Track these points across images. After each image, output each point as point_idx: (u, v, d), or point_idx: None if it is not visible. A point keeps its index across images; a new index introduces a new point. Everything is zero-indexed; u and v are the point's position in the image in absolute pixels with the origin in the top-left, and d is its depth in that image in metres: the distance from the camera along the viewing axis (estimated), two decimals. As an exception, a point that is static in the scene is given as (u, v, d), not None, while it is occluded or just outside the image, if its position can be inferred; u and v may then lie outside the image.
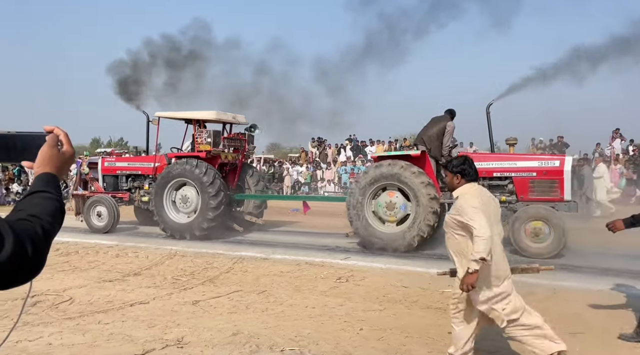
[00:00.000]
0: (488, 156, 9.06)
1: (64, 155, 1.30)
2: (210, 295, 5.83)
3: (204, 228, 9.86)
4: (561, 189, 8.15)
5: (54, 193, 1.20)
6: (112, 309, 5.26)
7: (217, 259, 7.87)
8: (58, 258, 7.95)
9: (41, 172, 1.24)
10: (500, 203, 8.11)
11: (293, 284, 6.33)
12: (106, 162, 11.88)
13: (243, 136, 11.44)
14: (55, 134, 1.30)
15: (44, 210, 1.12)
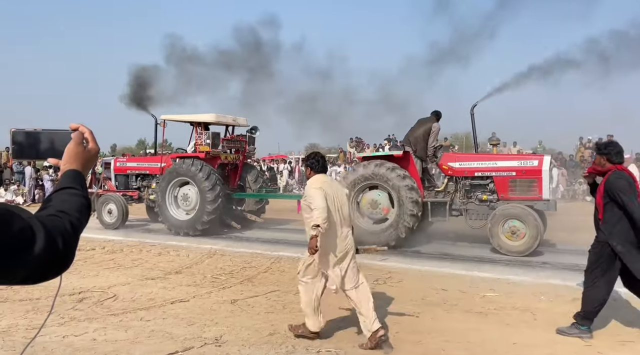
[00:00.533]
0: (470, 156, 9.32)
1: (89, 153, 1.33)
2: (248, 295, 5.89)
3: (202, 223, 10.33)
4: (539, 188, 8.30)
5: (80, 189, 1.23)
6: (154, 307, 5.40)
7: (256, 258, 7.95)
8: (104, 256, 8.25)
9: (67, 169, 1.27)
10: (482, 202, 8.70)
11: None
12: (118, 162, 12.58)
13: (244, 138, 11.98)
14: (81, 132, 1.33)
15: (71, 207, 1.15)
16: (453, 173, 8.93)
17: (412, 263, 7.58)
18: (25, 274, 0.99)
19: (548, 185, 8.30)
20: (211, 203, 10.30)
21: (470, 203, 8.80)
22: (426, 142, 9.11)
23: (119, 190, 12.13)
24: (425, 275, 6.85)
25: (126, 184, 12.35)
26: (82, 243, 9.26)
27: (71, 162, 1.28)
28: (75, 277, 6.68)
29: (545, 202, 8.20)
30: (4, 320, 4.82)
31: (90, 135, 1.34)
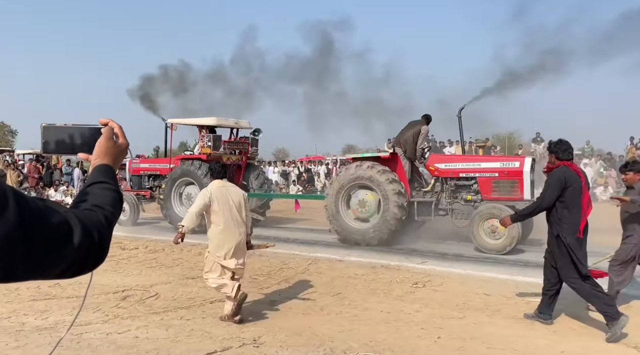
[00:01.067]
0: (456, 158, 9.68)
1: (119, 148, 1.31)
2: (286, 296, 5.89)
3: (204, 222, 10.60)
4: (521, 189, 8.49)
5: (112, 183, 1.22)
6: (194, 306, 5.47)
7: (293, 259, 7.95)
8: (147, 255, 8.46)
9: (99, 164, 1.27)
10: (466, 202, 8.93)
11: (368, 287, 6.23)
12: (133, 164, 13.26)
13: (246, 140, 12.59)
14: (111, 127, 1.32)
15: (105, 201, 1.14)
16: (439, 174, 9.18)
17: (453, 266, 7.39)
18: (63, 268, 0.98)
19: (529, 186, 8.49)
20: None
21: (456, 203, 9.07)
22: (415, 143, 9.41)
23: (133, 190, 12.86)
24: (467, 279, 6.65)
25: (140, 184, 13.07)
26: (127, 242, 9.55)
27: (102, 157, 1.27)
28: (120, 276, 6.87)
29: (526, 202, 8.15)
30: (51, 316, 5.00)
31: (120, 131, 1.33)
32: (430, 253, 8.48)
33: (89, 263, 1.03)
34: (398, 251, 8.67)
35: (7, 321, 4.81)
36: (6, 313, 5.05)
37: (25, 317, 4.96)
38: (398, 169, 9.28)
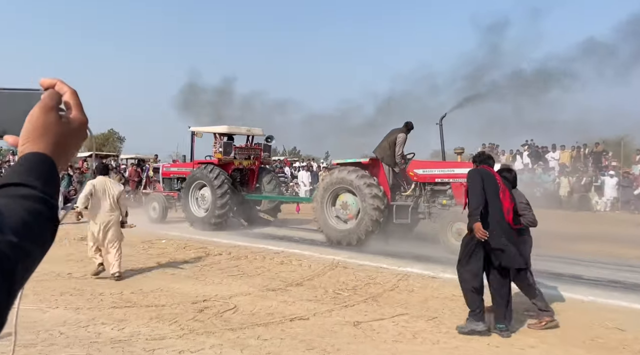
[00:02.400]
0: (432, 164, 9.91)
1: (67, 126, 0.76)
2: (373, 317, 5.24)
3: (215, 218, 11.84)
4: None
5: (37, 188, 0.68)
6: (272, 323, 5.01)
7: (381, 273, 7.28)
8: (230, 262, 8.24)
9: (27, 152, 0.73)
10: (443, 206, 9.30)
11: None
12: (164, 168, 14.58)
13: (259, 146, 13.57)
14: (56, 92, 0.77)
15: (7, 221, 0.62)
16: (418, 179, 9.63)
17: (571, 290, 6.27)
18: None
19: None
20: (220, 207, 11.83)
21: (433, 207, 9.47)
22: (392, 150, 9.86)
23: (164, 191, 14.01)
24: (590, 307, 5.57)
25: (170, 186, 14.11)
26: (211, 247, 9.46)
27: (35, 140, 0.73)
28: (201, 284, 6.64)
29: None
30: (127, 327, 4.78)
31: (74, 98, 0.78)
32: (541, 273, 7.34)
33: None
34: (501, 268, 7.63)
35: (84, 330, 4.66)
36: (85, 321, 4.93)
37: (102, 326, 4.80)
38: (379, 174, 9.94)
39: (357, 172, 9.77)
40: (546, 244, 10.51)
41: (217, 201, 11.83)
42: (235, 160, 12.83)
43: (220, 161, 12.45)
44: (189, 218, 12.48)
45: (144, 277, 6.98)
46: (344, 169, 10.02)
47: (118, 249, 6.94)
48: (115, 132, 51.84)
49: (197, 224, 12.14)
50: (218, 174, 12.02)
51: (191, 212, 12.47)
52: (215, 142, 12.78)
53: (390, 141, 9.94)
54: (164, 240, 10.37)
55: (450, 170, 9.36)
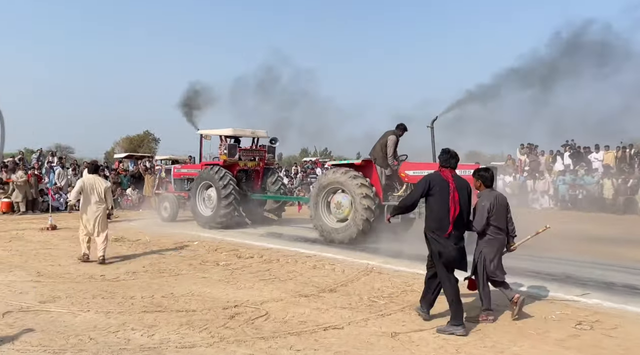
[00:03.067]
0: (422, 165, 10.02)
1: None
2: (412, 327, 4.95)
3: (220, 217, 12.44)
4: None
5: None
6: (305, 332, 4.79)
7: (418, 280, 6.93)
8: (261, 265, 8.07)
9: None
10: None
11: (515, 324, 5.03)
12: (176, 169, 15.11)
13: (263, 148, 14.10)
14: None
15: None
16: (409, 180, 9.89)
17: (627, 302, 5.80)
18: None
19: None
20: (225, 201, 12.37)
21: (423, 207, 8.89)
22: (384, 152, 10.24)
23: (175, 192, 14.60)
24: (651, 322, 5.10)
25: (181, 186, 14.66)
26: (243, 250, 9.34)
27: None
28: (232, 288, 6.49)
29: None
30: (157, 333, 4.65)
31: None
32: (591, 281, 6.88)
33: None
34: (547, 277, 7.18)
35: (114, 336, 4.55)
36: (115, 326, 4.83)
37: (132, 332, 4.68)
38: (372, 175, 10.25)
39: (349, 173, 10.27)
40: (591, 248, 9.95)
41: (222, 201, 12.40)
42: (240, 162, 13.42)
43: (226, 162, 13.02)
44: (197, 217, 13.10)
45: (175, 280, 6.88)
46: (338, 170, 10.54)
47: (105, 236, 8.20)
48: (151, 133, 52.86)
49: (205, 223, 12.71)
50: (223, 175, 12.56)
51: (198, 212, 13.06)
52: (221, 144, 13.27)
53: (382, 143, 10.35)
54: (195, 242, 10.32)
55: None
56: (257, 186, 14.02)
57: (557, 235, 12.24)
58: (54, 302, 5.67)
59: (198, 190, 13.18)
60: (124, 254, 8.94)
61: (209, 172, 12.82)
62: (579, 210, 19.47)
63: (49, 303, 5.64)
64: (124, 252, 9.14)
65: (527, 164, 23.64)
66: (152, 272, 7.38)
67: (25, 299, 5.80)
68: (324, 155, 43.26)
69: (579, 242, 11.08)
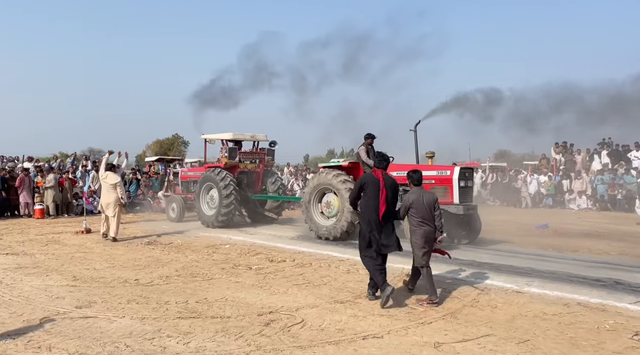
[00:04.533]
0: (404, 167, 10.22)
1: None
2: (454, 337, 4.72)
3: (221, 216, 13.06)
4: (451, 194, 9.85)
5: None
6: (344, 341, 4.62)
7: (456, 285, 6.71)
8: (294, 269, 7.95)
9: None
10: None
11: (565, 334, 4.74)
12: (183, 172, 16.15)
13: (263, 150, 14.75)
14: None
15: None
16: None
17: (685, 311, 5.42)
18: None
19: (457, 192, 9.78)
20: (226, 201, 13.01)
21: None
22: (360, 161, 11.06)
23: (182, 193, 15.43)
24: None
25: (187, 188, 15.48)
26: (275, 253, 9.25)
27: None
28: (266, 293, 6.38)
29: (455, 206, 9.73)
30: (193, 340, 4.56)
31: None
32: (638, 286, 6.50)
33: None
34: (595, 283, 6.81)
35: (149, 343, 4.48)
36: (151, 332, 4.77)
37: (168, 339, 4.60)
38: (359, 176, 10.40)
39: (337, 174, 11.06)
40: (637, 251, 9.46)
41: (223, 201, 13.06)
42: (241, 164, 14.12)
43: (227, 165, 13.69)
44: (200, 216, 13.80)
45: (209, 285, 6.81)
46: (329, 172, 11.30)
47: (116, 219, 10.73)
48: (180, 137, 53.63)
49: (208, 223, 13.42)
50: (224, 176, 13.22)
51: (202, 212, 13.75)
52: (222, 147, 13.92)
53: (355, 154, 11.48)
54: (227, 245, 10.28)
55: None
56: (257, 187, 14.72)
57: (600, 237, 11.76)
58: (90, 307, 5.66)
59: (202, 191, 13.84)
60: (157, 257, 8.96)
61: (211, 174, 13.46)
62: (619, 210, 18.72)
63: (85, 308, 5.63)
64: (157, 255, 9.16)
65: (562, 163, 22.90)
66: (185, 276, 7.34)
67: (62, 304, 5.81)
68: (349, 156, 43.06)
69: (623, 244, 10.59)
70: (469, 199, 10.15)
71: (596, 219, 16.48)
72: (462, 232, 10.41)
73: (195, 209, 14.36)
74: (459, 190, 9.80)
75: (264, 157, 14.77)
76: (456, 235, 10.31)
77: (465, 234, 10.42)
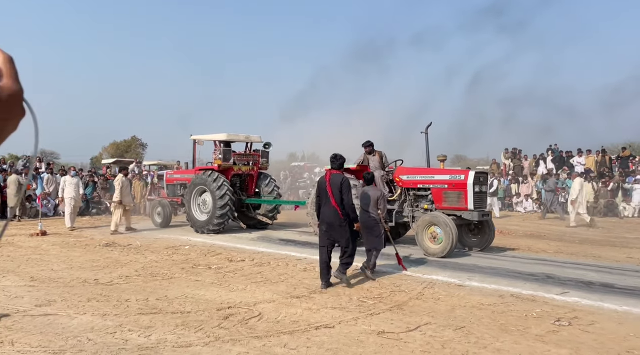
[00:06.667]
0: (416, 170, 10.35)
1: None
2: (399, 326, 5.16)
3: (215, 222, 12.48)
4: (465, 200, 9.36)
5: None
6: (298, 331, 4.97)
7: (405, 281, 7.19)
8: (253, 268, 8.24)
9: None
10: (425, 210, 9.90)
11: (497, 322, 5.27)
12: (168, 175, 15.37)
13: (257, 152, 14.22)
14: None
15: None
16: (403, 184, 10.23)
17: (603, 299, 6.08)
18: None
19: (472, 197, 9.28)
20: (220, 209, 12.45)
21: (417, 211, 10.02)
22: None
23: (168, 197, 14.73)
24: (626, 318, 5.38)
25: (174, 192, 14.79)
26: (234, 254, 9.49)
27: None
28: (225, 290, 6.65)
29: (470, 212, 9.27)
30: (154, 333, 4.80)
31: (8, 65, 0.71)
32: (571, 281, 7.17)
33: None
34: (529, 277, 7.46)
35: (111, 337, 4.69)
36: (112, 327, 4.97)
37: (129, 332, 4.82)
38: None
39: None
40: (572, 249, 10.31)
41: (217, 204, 12.48)
42: (234, 166, 13.54)
43: (220, 167, 13.13)
44: (192, 222, 13.12)
45: (169, 283, 7.01)
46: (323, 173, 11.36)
47: (113, 218, 12.47)
48: (138, 139, 52.58)
49: (200, 227, 12.81)
50: (217, 179, 12.64)
51: (193, 217, 13.11)
52: (215, 149, 13.42)
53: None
54: (187, 246, 10.43)
55: (431, 176, 9.90)
56: (251, 190, 14.23)
57: (540, 237, 12.61)
58: (49, 306, 5.77)
59: (193, 195, 13.25)
60: (116, 258, 9.04)
61: (203, 177, 12.91)
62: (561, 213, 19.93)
63: (45, 306, 5.74)
64: (116, 256, 9.23)
65: (511, 168, 24.10)
66: (145, 276, 7.50)
67: (21, 302, 5.89)
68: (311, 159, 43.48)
69: (561, 243, 11.43)
70: (483, 204, 9.64)
71: (539, 220, 17.53)
72: (474, 239, 10.02)
73: (182, 213, 13.94)
74: (474, 195, 9.28)
75: (258, 159, 14.24)
76: (468, 243, 10.00)
77: (476, 241, 9.95)
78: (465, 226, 9.85)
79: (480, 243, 9.90)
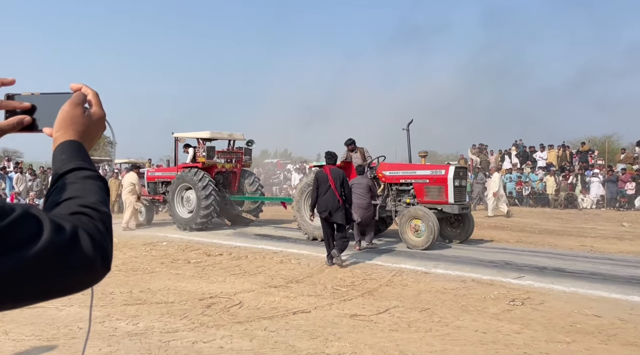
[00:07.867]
0: (398, 166, 10.82)
1: (90, 118, 0.99)
2: (370, 309, 5.61)
3: (200, 218, 12.55)
4: (446, 194, 9.70)
5: (91, 168, 0.93)
6: (277, 316, 5.36)
7: (376, 270, 7.66)
8: (231, 261, 8.57)
9: (64, 140, 0.94)
10: (407, 204, 10.23)
11: (459, 303, 5.79)
12: (149, 172, 15.34)
13: (240, 150, 14.40)
14: (81, 93, 1.01)
15: (93, 198, 0.87)
16: (386, 180, 10.53)
17: (554, 282, 6.70)
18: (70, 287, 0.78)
19: (452, 191, 9.61)
20: (205, 208, 12.51)
21: (399, 205, 10.33)
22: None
23: (149, 195, 14.76)
24: (572, 297, 5.98)
25: (155, 190, 14.84)
26: (212, 248, 9.79)
27: (66, 129, 0.95)
28: (205, 282, 6.97)
29: (450, 205, 9.60)
30: (141, 322, 5.11)
31: (96, 98, 1.02)
32: (527, 266, 7.79)
33: (90, 279, 0.81)
34: (489, 264, 8.05)
35: (101, 325, 4.98)
36: (101, 317, 5.25)
37: (117, 321, 5.12)
38: (351, 176, 10.45)
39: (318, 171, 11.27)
40: (531, 239, 11.02)
41: (202, 202, 12.54)
42: (218, 164, 13.66)
43: (204, 165, 13.24)
44: (175, 219, 13.19)
45: (151, 277, 7.29)
46: (311, 170, 11.67)
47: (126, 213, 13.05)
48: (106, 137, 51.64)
49: (184, 225, 12.89)
50: (202, 177, 12.72)
51: (177, 214, 13.20)
52: (199, 146, 13.49)
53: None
54: (164, 243, 10.67)
55: (412, 172, 10.24)
56: (235, 188, 14.38)
57: (503, 229, 13.34)
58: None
59: (176, 193, 13.32)
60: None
61: (188, 175, 12.96)
62: (525, 205, 20.90)
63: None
64: (95, 253, 9.40)
65: (478, 163, 24.98)
66: (126, 271, 7.75)
67: (7, 297, 6.08)
68: (284, 156, 43.75)
69: (522, 234, 12.16)
70: (463, 198, 10.02)
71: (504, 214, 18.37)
72: (454, 232, 10.44)
73: (165, 211, 14.08)
74: (454, 189, 9.61)
75: (241, 156, 14.40)
76: (449, 235, 10.42)
77: (457, 234, 10.37)
78: (446, 219, 10.15)
79: (461, 235, 10.30)
